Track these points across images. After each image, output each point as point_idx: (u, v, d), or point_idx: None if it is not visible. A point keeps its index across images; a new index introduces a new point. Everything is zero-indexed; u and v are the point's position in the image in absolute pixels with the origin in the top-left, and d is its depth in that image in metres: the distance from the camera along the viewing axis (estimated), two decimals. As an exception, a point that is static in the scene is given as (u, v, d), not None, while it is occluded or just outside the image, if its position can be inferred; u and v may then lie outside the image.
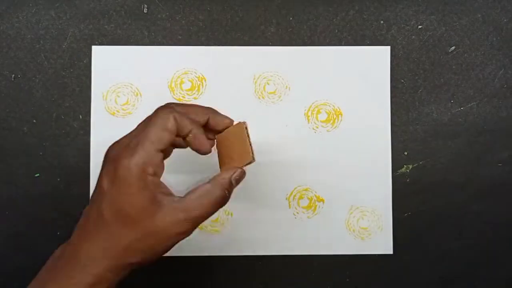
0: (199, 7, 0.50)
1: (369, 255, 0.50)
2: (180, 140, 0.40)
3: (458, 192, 0.51)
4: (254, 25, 0.50)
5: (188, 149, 0.40)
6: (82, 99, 0.50)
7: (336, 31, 0.51)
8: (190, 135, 0.39)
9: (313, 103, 0.51)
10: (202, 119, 0.41)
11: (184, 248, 0.50)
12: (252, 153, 0.41)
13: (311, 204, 0.50)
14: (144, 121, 0.39)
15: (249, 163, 0.41)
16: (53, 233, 0.48)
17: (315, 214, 0.50)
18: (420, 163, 0.51)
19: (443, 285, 0.51)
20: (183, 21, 0.50)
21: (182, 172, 0.50)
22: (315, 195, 0.50)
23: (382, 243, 0.50)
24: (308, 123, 0.51)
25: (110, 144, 0.49)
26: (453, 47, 0.51)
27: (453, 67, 0.51)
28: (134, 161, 0.36)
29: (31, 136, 0.49)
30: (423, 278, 0.51)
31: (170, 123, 0.38)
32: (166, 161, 0.39)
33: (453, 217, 0.51)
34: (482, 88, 0.51)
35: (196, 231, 0.49)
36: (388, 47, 0.51)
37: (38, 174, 0.47)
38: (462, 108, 0.51)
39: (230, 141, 0.42)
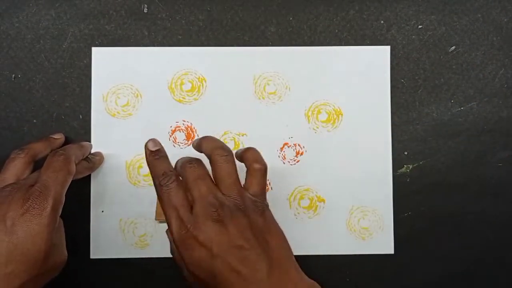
0: (199, 7, 0.50)
1: (370, 255, 0.50)
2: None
3: (458, 192, 0.51)
4: (254, 25, 0.50)
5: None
6: (82, 99, 0.50)
7: (336, 31, 0.51)
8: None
9: (313, 103, 0.51)
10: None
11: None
12: None
13: (312, 204, 0.50)
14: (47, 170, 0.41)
15: None
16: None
17: (316, 214, 0.50)
18: (420, 163, 0.51)
19: (443, 285, 0.51)
20: (183, 21, 0.50)
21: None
22: (316, 195, 0.50)
23: (383, 242, 0.50)
24: (309, 123, 0.51)
25: (111, 145, 0.49)
26: (453, 47, 0.51)
27: (453, 67, 0.51)
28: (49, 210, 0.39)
29: (32, 136, 0.49)
30: (424, 278, 0.51)
31: (72, 167, 0.42)
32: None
33: (453, 217, 0.51)
34: (482, 88, 0.51)
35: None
36: (388, 47, 0.51)
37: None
38: (462, 108, 0.51)
39: None
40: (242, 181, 0.42)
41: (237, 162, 0.42)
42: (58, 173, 0.40)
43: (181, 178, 0.41)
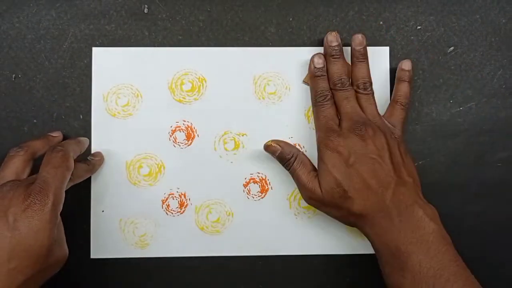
0: (199, 7, 0.50)
1: (370, 254, 0.50)
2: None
3: (458, 192, 0.51)
4: (254, 25, 0.51)
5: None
6: (82, 99, 0.50)
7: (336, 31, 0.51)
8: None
9: (313, 104, 0.51)
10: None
11: (185, 249, 0.50)
12: None
13: (312, 204, 0.50)
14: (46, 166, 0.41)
15: None
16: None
17: (316, 214, 0.50)
18: (420, 163, 0.51)
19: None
20: (183, 22, 0.50)
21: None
22: (316, 195, 0.50)
23: (383, 242, 0.50)
24: (309, 123, 0.51)
25: (111, 145, 0.49)
26: (452, 48, 0.51)
27: (452, 67, 0.51)
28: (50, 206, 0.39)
29: (32, 136, 0.49)
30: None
31: (71, 163, 0.42)
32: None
33: (453, 217, 0.51)
34: (481, 88, 0.51)
35: (197, 232, 0.50)
36: (387, 48, 0.51)
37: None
38: (461, 108, 0.51)
39: None
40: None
41: None
42: (57, 169, 0.40)
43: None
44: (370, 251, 0.50)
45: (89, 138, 0.49)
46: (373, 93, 0.48)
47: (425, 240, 0.41)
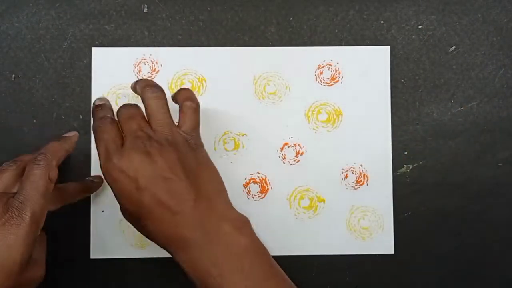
0: (199, 7, 0.50)
1: (370, 255, 0.50)
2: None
3: (458, 192, 0.51)
4: (254, 25, 0.50)
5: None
6: (82, 99, 0.50)
7: (336, 31, 0.51)
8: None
9: (313, 103, 0.51)
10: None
11: (185, 249, 0.50)
12: None
13: (312, 204, 0.50)
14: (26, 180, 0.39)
15: None
16: (52, 234, 0.48)
17: (316, 214, 0.50)
18: (420, 163, 0.51)
19: (443, 285, 0.51)
20: (183, 21, 0.50)
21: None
22: (316, 195, 0.50)
23: (383, 243, 0.50)
24: (309, 123, 0.51)
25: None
26: (453, 47, 0.51)
27: (453, 67, 0.51)
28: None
29: (31, 136, 0.49)
30: (423, 278, 0.51)
31: (53, 173, 0.40)
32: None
33: (453, 217, 0.51)
34: (482, 88, 0.51)
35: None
36: (388, 47, 0.51)
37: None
38: (462, 108, 0.51)
39: None
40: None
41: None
42: (37, 183, 0.39)
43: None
44: (370, 251, 0.50)
45: (89, 138, 0.49)
46: (163, 97, 0.43)
47: (238, 257, 0.38)
